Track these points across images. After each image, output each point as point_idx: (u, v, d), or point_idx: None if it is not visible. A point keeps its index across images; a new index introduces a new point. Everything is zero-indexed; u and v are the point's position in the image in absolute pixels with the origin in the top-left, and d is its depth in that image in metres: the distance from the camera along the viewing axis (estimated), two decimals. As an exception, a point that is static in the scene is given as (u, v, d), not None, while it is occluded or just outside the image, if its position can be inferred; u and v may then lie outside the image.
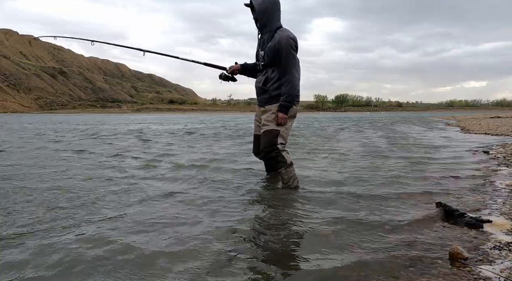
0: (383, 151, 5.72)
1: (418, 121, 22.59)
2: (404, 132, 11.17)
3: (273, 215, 2.21)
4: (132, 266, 1.51)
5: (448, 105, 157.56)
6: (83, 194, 2.73)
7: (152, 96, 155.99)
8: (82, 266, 1.50)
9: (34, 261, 1.54)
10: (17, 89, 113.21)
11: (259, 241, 1.80)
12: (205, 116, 49.00)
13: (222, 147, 6.46)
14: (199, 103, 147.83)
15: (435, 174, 3.54)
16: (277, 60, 2.74)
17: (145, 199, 2.59)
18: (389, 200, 2.54)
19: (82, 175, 3.51)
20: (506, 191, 2.74)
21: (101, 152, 5.56)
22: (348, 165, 4.15)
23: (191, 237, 1.83)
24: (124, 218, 2.16)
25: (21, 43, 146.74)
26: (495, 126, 11.88)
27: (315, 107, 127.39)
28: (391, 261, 1.56)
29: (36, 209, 2.33)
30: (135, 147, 6.55)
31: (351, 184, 3.10)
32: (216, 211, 2.29)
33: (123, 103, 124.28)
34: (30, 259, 1.57)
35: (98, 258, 1.57)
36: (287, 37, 2.70)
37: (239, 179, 3.35)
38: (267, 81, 2.83)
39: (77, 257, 1.58)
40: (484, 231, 1.90)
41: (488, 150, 5.26)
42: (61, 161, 4.58)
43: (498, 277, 1.39)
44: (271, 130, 2.81)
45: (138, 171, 3.81)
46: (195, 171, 3.76)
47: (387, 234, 1.88)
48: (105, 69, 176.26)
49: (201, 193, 2.81)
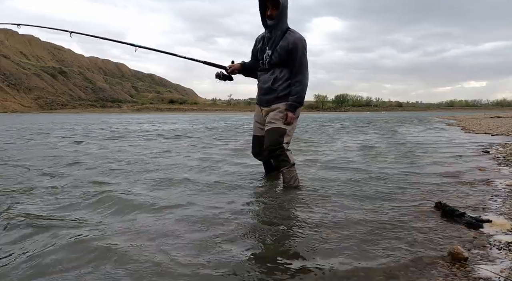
0: (382, 151, 5.72)
1: (418, 121, 22.60)
2: (404, 132, 11.16)
3: (273, 215, 2.21)
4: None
5: (448, 105, 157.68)
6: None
7: (152, 96, 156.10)
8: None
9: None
10: (17, 89, 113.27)
11: (259, 240, 1.80)
12: (204, 115, 48.98)
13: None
14: (199, 103, 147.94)
15: (435, 173, 3.54)
16: (288, 60, 2.72)
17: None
18: (389, 200, 2.54)
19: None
20: (506, 191, 2.73)
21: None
22: (348, 165, 4.14)
23: (189, 232, 1.83)
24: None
25: (21, 43, 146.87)
26: (495, 126, 11.88)
27: (315, 107, 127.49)
28: (390, 261, 1.55)
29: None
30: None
31: (351, 184, 3.09)
32: (215, 211, 2.29)
33: (123, 103, 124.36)
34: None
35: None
36: (301, 39, 2.72)
37: (238, 179, 3.35)
38: (276, 81, 2.79)
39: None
40: (484, 231, 1.89)
41: (488, 150, 5.26)
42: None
43: (498, 277, 1.38)
44: (278, 128, 2.78)
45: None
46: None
47: (386, 233, 1.88)
48: (105, 69, 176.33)
49: (201, 192, 2.80)
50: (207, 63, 3.09)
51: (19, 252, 1.66)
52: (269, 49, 2.78)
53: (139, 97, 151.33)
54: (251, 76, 3.06)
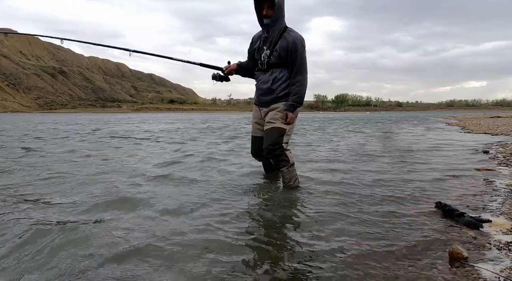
0: (382, 150, 5.72)
1: (418, 120, 22.60)
2: (403, 131, 11.16)
3: (273, 215, 2.20)
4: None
5: (448, 105, 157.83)
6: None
7: (152, 95, 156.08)
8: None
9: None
10: (17, 89, 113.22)
11: (258, 240, 1.80)
12: (203, 115, 48.95)
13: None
14: (199, 102, 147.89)
15: (434, 173, 3.54)
16: (287, 60, 2.69)
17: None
18: (388, 200, 2.54)
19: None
20: (506, 191, 2.73)
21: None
22: (348, 165, 4.14)
23: (189, 232, 1.82)
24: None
25: (21, 43, 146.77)
26: (495, 126, 11.88)
27: (315, 107, 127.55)
28: (390, 261, 1.55)
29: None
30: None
31: (350, 184, 3.09)
32: (215, 211, 2.28)
33: (123, 103, 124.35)
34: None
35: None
36: (300, 38, 2.68)
37: (237, 179, 3.34)
38: (275, 81, 2.76)
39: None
40: (483, 231, 1.89)
41: (488, 150, 5.26)
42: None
43: (498, 277, 1.38)
44: (278, 128, 2.76)
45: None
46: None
47: (386, 233, 1.88)
48: (105, 68, 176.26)
49: (201, 193, 2.80)
50: (204, 65, 3.06)
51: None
52: (267, 49, 2.75)
53: (139, 97, 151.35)
54: (248, 76, 3.03)
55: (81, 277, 1.41)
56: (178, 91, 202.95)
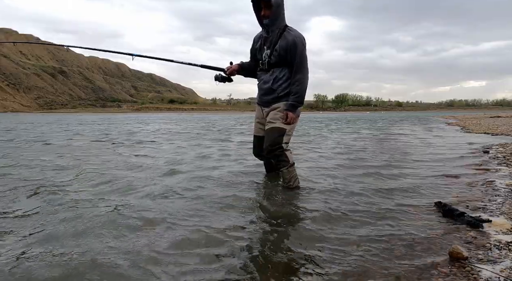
0: (382, 150, 5.72)
1: (418, 120, 22.60)
2: (403, 131, 11.16)
3: (272, 214, 2.21)
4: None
5: (448, 104, 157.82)
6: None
7: (152, 95, 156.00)
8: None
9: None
10: (17, 89, 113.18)
11: (257, 239, 1.80)
12: (203, 115, 48.96)
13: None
14: (199, 102, 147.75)
15: (434, 173, 3.54)
16: (288, 59, 2.68)
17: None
18: (388, 200, 2.54)
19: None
20: (506, 191, 2.73)
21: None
22: (348, 166, 4.14)
23: (190, 232, 1.83)
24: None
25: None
26: (495, 126, 11.88)
27: (315, 107, 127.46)
28: (390, 261, 1.55)
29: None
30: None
31: (350, 184, 3.09)
32: (213, 210, 2.28)
33: (123, 103, 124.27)
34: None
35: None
36: (301, 37, 2.66)
37: (236, 178, 3.34)
38: (276, 81, 2.76)
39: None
40: (483, 231, 1.89)
41: (488, 150, 5.26)
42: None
43: (498, 276, 1.38)
44: (278, 128, 2.76)
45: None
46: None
47: (386, 233, 1.88)
48: (105, 68, 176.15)
49: (199, 192, 2.80)
50: (205, 67, 3.06)
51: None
52: (267, 49, 2.74)
53: (139, 97, 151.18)
54: (250, 76, 3.03)
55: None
56: (178, 91, 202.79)
